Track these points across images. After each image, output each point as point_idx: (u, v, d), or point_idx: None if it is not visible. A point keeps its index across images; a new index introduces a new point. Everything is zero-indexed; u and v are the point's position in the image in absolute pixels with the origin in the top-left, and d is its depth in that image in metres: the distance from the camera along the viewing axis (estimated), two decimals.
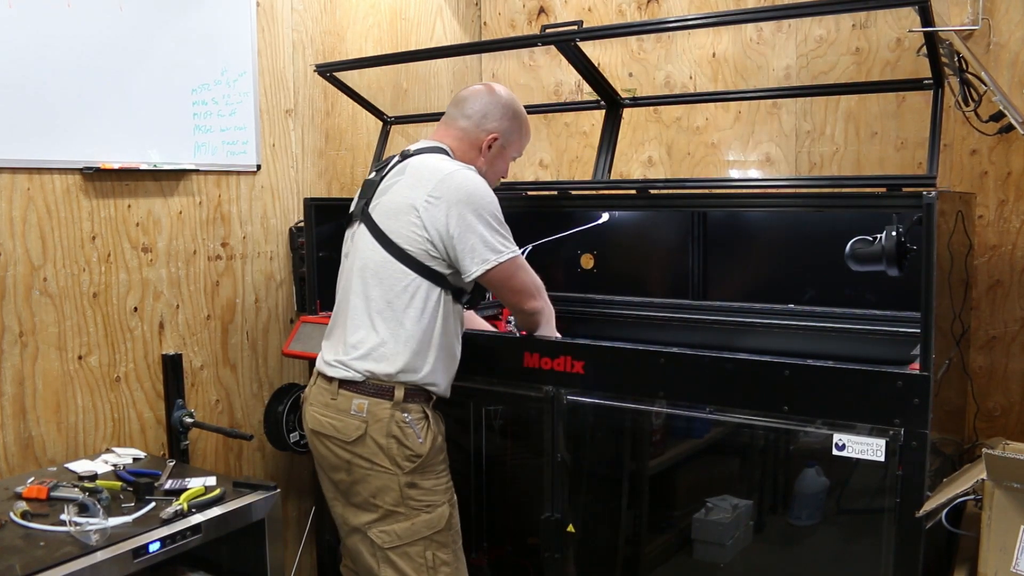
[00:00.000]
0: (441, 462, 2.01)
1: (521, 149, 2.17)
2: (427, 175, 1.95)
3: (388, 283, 1.94)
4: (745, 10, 2.83)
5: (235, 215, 2.65)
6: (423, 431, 1.94)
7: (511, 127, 2.09)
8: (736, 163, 3.00)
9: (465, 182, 1.94)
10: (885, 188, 1.97)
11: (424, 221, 1.91)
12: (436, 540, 1.95)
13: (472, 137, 2.07)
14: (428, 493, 1.94)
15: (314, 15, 2.87)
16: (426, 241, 1.92)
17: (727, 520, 2.06)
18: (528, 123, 2.16)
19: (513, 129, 2.10)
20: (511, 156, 2.15)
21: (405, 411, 1.92)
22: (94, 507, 1.78)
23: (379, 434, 1.91)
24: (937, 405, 1.74)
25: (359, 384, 1.93)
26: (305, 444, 2.74)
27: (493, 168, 2.11)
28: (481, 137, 2.06)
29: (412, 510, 1.93)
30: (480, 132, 2.07)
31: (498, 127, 2.07)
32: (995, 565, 1.62)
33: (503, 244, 1.94)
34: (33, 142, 2.13)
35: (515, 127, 2.11)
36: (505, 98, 2.10)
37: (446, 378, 2.02)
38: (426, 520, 1.94)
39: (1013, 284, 2.49)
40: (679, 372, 1.97)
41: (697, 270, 2.70)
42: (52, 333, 2.20)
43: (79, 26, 2.20)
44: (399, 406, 1.91)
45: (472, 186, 1.94)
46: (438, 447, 1.99)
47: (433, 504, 1.95)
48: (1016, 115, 2.04)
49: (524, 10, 3.44)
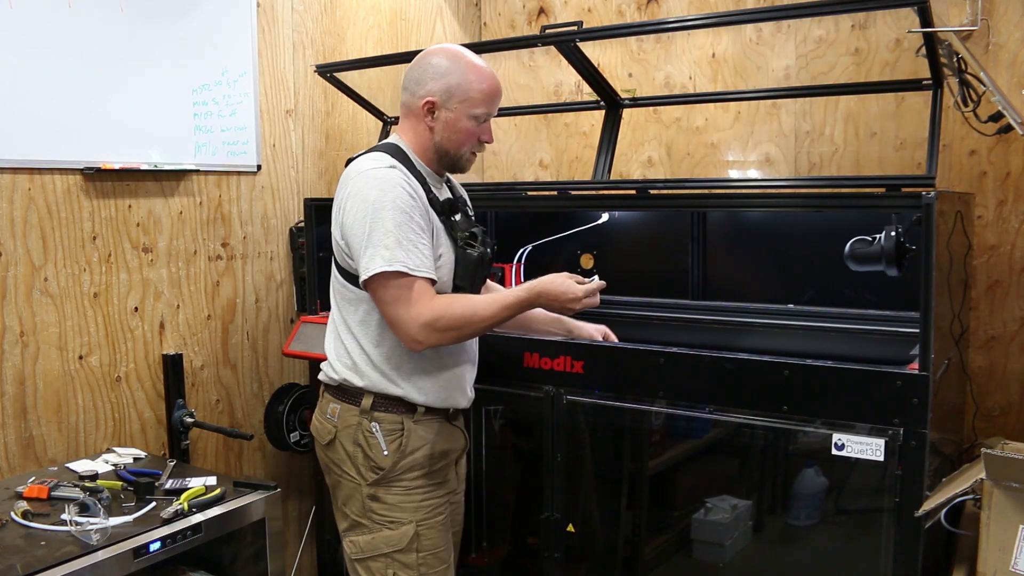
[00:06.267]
0: (417, 479, 1.83)
1: (480, 103, 1.81)
2: (343, 181, 1.82)
3: (338, 297, 1.87)
4: (745, 10, 2.83)
5: (235, 215, 2.66)
6: (392, 443, 1.80)
7: (449, 84, 1.78)
8: (736, 163, 3.00)
9: (359, 184, 1.74)
10: (884, 188, 1.97)
11: (339, 231, 1.80)
12: (397, 560, 1.82)
13: (412, 110, 1.84)
14: (392, 509, 1.82)
15: (314, 16, 2.87)
16: (344, 252, 1.80)
17: (726, 520, 2.07)
18: (479, 71, 1.81)
19: (453, 85, 1.79)
20: (471, 114, 1.81)
21: (374, 420, 1.81)
22: (95, 507, 1.78)
23: (347, 440, 1.84)
24: (936, 405, 1.74)
25: (334, 388, 1.87)
26: (305, 444, 2.75)
27: (451, 136, 1.81)
28: (417, 105, 1.82)
29: (374, 523, 1.83)
30: (415, 101, 1.82)
31: (431, 88, 1.79)
32: (994, 564, 1.62)
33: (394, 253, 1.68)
34: (34, 142, 2.13)
35: (455, 82, 1.79)
36: (437, 56, 1.82)
37: (434, 389, 1.84)
38: (386, 537, 1.82)
39: (1012, 284, 2.49)
40: (679, 372, 1.97)
41: (697, 270, 2.71)
42: (53, 333, 2.20)
43: (80, 26, 2.21)
44: (367, 414, 1.81)
45: (365, 187, 1.73)
46: (412, 463, 1.82)
47: (397, 521, 1.81)
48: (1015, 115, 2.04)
49: (524, 10, 3.44)
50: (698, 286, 2.71)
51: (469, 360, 1.95)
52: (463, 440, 1.97)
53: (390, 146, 1.84)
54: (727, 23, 2.57)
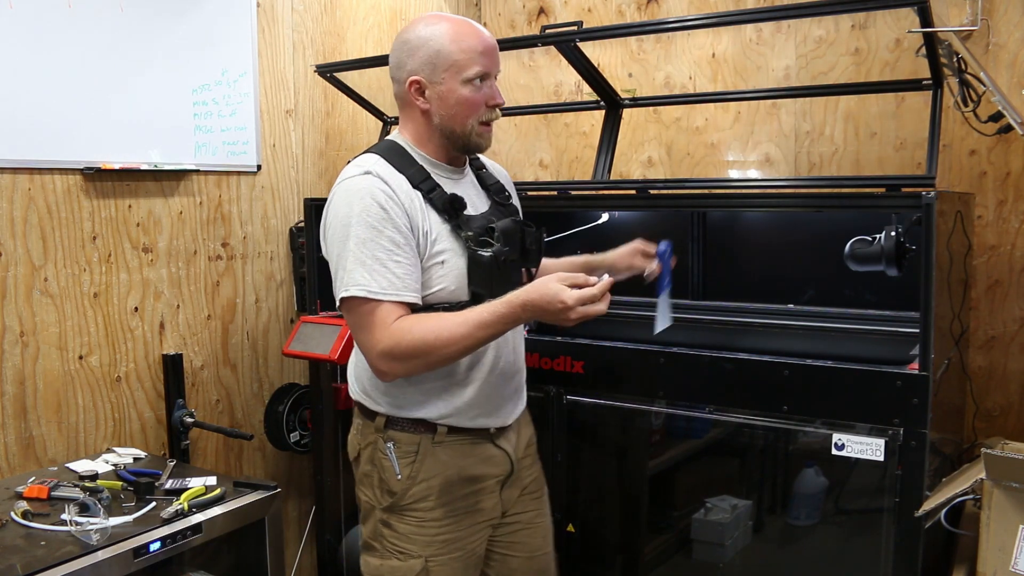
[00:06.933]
0: (432, 509, 1.65)
1: (469, 63, 1.60)
2: None
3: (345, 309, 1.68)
4: (745, 10, 2.83)
5: (235, 215, 2.66)
6: (405, 466, 1.65)
7: (429, 54, 1.60)
8: (736, 163, 3.00)
9: (333, 198, 1.61)
10: (884, 188, 1.97)
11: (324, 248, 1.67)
12: None
13: (402, 98, 1.66)
14: (401, 539, 1.67)
15: (314, 16, 2.87)
16: None
17: (726, 520, 2.07)
18: (458, 29, 1.61)
19: (434, 54, 1.59)
20: (464, 78, 1.60)
21: (389, 439, 1.66)
22: (95, 507, 1.78)
23: (366, 459, 1.71)
24: (936, 405, 1.74)
25: (359, 404, 1.75)
26: (305, 444, 2.75)
27: (450, 111, 1.62)
28: (405, 90, 1.64)
29: (384, 550, 1.69)
30: (402, 87, 1.64)
31: (412, 66, 1.61)
32: (994, 564, 1.62)
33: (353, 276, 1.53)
34: (34, 142, 2.13)
35: (435, 49, 1.59)
36: (410, 30, 1.64)
37: (456, 407, 1.65)
38: (393, 568, 1.67)
39: (1012, 284, 2.49)
40: (679, 372, 1.97)
41: (697, 270, 2.70)
42: (53, 333, 2.20)
43: (80, 26, 2.21)
44: (382, 433, 1.67)
45: (337, 201, 1.59)
46: (425, 491, 1.65)
47: (406, 553, 1.66)
48: (1015, 115, 2.04)
49: (524, 10, 3.44)
50: (698, 286, 2.71)
51: (501, 372, 1.70)
52: (505, 464, 1.72)
53: (383, 144, 1.69)
54: (727, 23, 2.57)
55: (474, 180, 1.76)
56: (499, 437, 1.71)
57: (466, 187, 1.71)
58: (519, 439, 1.77)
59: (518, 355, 1.77)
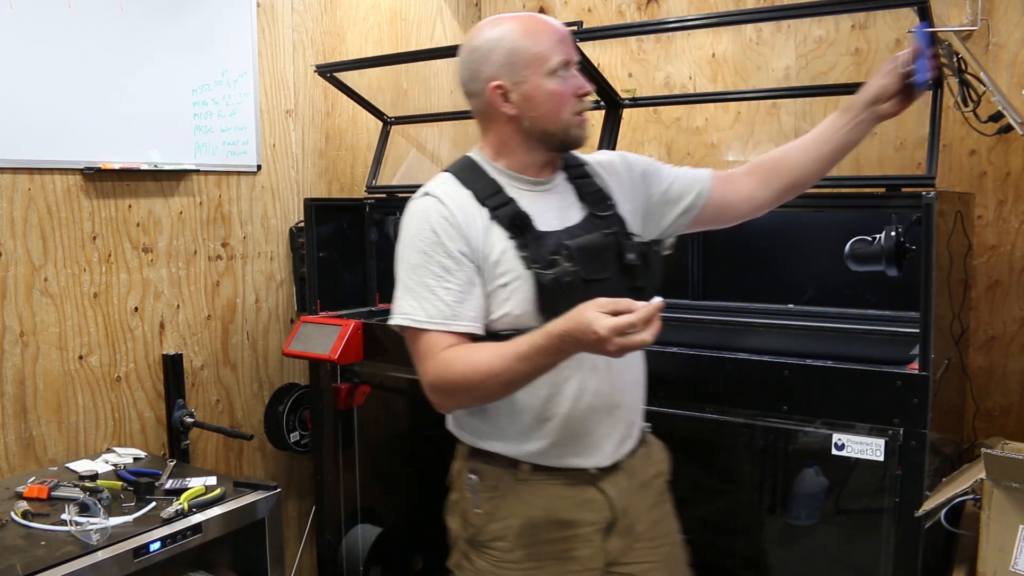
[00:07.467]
0: (512, 550, 1.50)
1: (549, 53, 1.47)
2: None
3: None
4: (745, 10, 2.83)
5: (235, 215, 2.66)
6: (485, 501, 1.51)
7: (503, 54, 1.47)
8: (736, 163, 2.99)
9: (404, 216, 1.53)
10: (884, 188, 1.98)
11: None
12: None
13: (484, 109, 1.52)
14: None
15: (314, 15, 2.87)
16: None
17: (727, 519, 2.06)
18: (526, 23, 1.49)
19: (510, 52, 1.46)
20: (547, 70, 1.47)
21: (474, 471, 1.53)
22: (95, 507, 1.78)
23: (456, 486, 1.59)
24: (936, 405, 1.74)
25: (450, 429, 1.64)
26: (305, 444, 2.75)
27: (541, 110, 1.48)
28: (487, 101, 1.50)
29: None
30: (483, 98, 1.50)
31: (489, 72, 1.48)
32: (994, 564, 1.62)
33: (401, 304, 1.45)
34: (34, 142, 2.13)
35: (510, 48, 1.46)
36: (475, 39, 1.52)
37: (541, 443, 1.48)
38: None
39: (1012, 284, 2.49)
40: (679, 372, 1.97)
41: (697, 270, 2.70)
42: (53, 333, 2.20)
43: (80, 26, 2.21)
44: (467, 461, 1.55)
45: (402, 222, 1.51)
46: (502, 530, 1.50)
47: None
48: (1015, 115, 2.04)
49: (524, 11, 3.44)
50: (698, 286, 2.71)
51: (592, 407, 1.49)
52: (603, 511, 1.51)
53: (458, 162, 1.56)
54: (727, 23, 2.57)
55: (568, 190, 1.56)
56: (603, 479, 1.51)
57: (550, 200, 1.53)
58: (631, 482, 1.55)
59: (617, 387, 1.52)
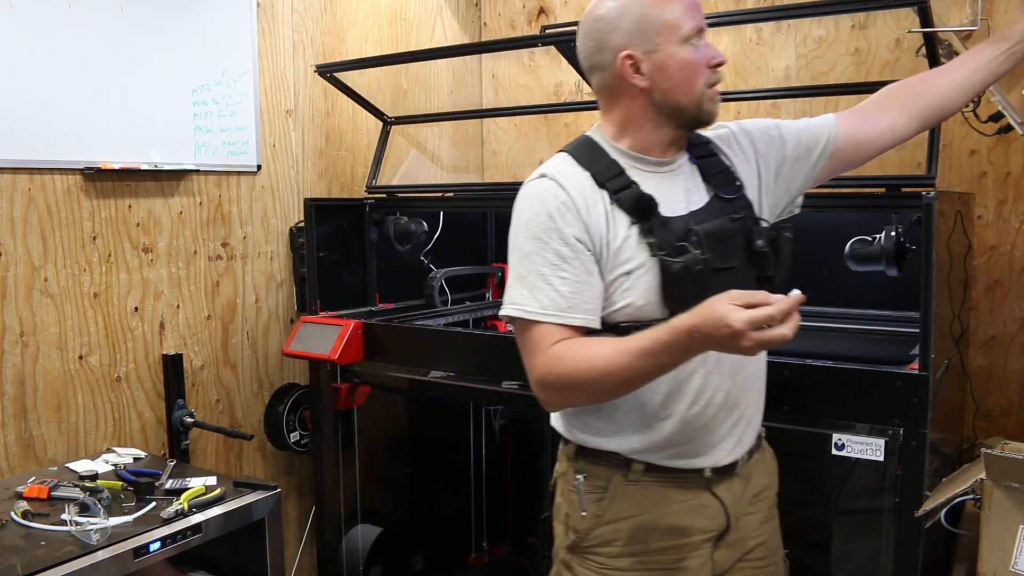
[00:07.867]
0: (618, 556, 1.42)
1: (681, 18, 1.37)
2: None
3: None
4: (745, 10, 2.83)
5: (235, 215, 2.66)
6: (592, 503, 1.44)
7: (633, 22, 1.36)
8: None
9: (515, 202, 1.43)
10: (884, 188, 1.97)
11: None
12: None
13: (611, 83, 1.41)
14: None
15: (314, 15, 2.87)
16: None
17: None
18: None
19: (640, 19, 1.36)
20: (681, 36, 1.37)
21: (579, 471, 1.46)
22: (95, 507, 1.78)
23: (559, 490, 1.52)
24: (936, 405, 1.74)
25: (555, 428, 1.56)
26: (305, 444, 2.75)
27: (675, 80, 1.37)
28: (617, 73, 1.38)
29: None
30: (611, 70, 1.39)
31: (619, 41, 1.36)
32: (994, 564, 1.62)
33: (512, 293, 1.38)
34: (34, 142, 2.13)
35: (639, 14, 1.36)
36: (596, 10, 1.41)
37: (654, 441, 1.40)
38: None
39: (1012, 284, 2.49)
40: None
41: None
42: (53, 333, 2.20)
43: (80, 26, 2.21)
44: (573, 462, 1.48)
45: (515, 206, 1.42)
46: (611, 534, 1.43)
47: None
48: (1015, 115, 2.04)
49: (524, 10, 3.44)
50: None
51: (712, 403, 1.40)
52: (718, 518, 1.43)
53: (576, 141, 1.46)
54: (727, 23, 2.57)
55: (692, 171, 1.45)
56: (717, 483, 1.42)
57: (674, 182, 1.43)
58: (746, 490, 1.47)
59: (739, 384, 1.43)
